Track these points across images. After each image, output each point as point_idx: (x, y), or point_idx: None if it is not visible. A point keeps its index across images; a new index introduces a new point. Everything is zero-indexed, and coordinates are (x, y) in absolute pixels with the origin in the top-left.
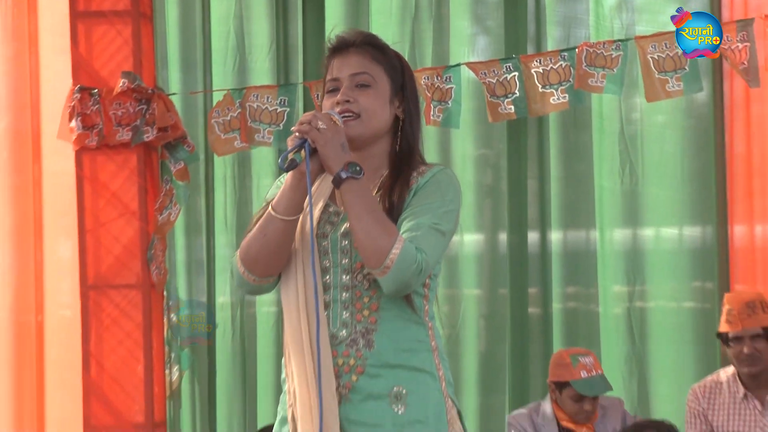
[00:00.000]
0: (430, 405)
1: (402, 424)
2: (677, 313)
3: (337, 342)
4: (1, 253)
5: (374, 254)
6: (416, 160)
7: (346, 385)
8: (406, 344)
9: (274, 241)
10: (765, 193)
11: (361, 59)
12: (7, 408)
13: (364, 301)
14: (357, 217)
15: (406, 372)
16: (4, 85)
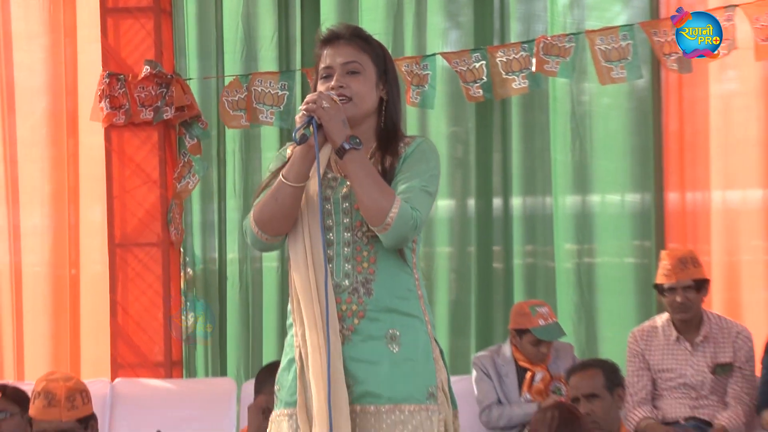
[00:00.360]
0: (419, 345)
1: (397, 362)
2: (620, 267)
3: (340, 290)
4: (41, 216)
5: (376, 214)
6: (399, 134)
7: (349, 328)
8: (400, 292)
9: (285, 204)
10: (695, 165)
11: (350, 49)
12: (46, 349)
13: (364, 254)
14: (359, 182)
15: (399, 316)
16: (43, 71)
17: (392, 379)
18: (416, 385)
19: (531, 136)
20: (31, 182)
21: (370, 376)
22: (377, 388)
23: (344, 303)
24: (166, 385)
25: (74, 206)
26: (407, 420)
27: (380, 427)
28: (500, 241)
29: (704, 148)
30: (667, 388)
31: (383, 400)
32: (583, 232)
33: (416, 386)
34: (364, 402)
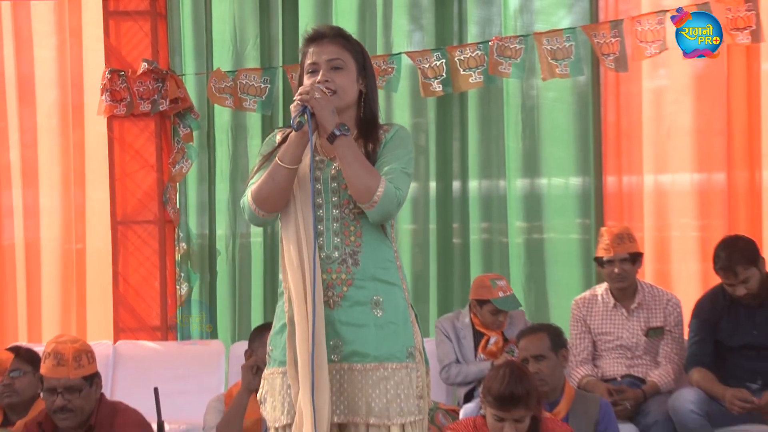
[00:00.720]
0: (399, 310)
1: (381, 325)
2: (565, 243)
3: (330, 261)
4: (51, 197)
5: (365, 192)
6: (377, 122)
7: (338, 295)
8: (382, 263)
9: (280, 184)
10: (631, 152)
11: (334, 47)
12: (56, 315)
13: (351, 229)
14: (349, 164)
15: (382, 284)
16: (52, 67)
17: (377, 340)
18: (397, 345)
19: (486, 126)
20: (42, 166)
21: (358, 338)
22: (364, 348)
23: (334, 272)
24: (162, 347)
25: (80, 188)
26: (390, 376)
27: (366, 383)
28: (458, 220)
29: (638, 136)
30: (605, 349)
31: (369, 359)
32: (532, 212)
33: (397, 347)
34: (352, 361)
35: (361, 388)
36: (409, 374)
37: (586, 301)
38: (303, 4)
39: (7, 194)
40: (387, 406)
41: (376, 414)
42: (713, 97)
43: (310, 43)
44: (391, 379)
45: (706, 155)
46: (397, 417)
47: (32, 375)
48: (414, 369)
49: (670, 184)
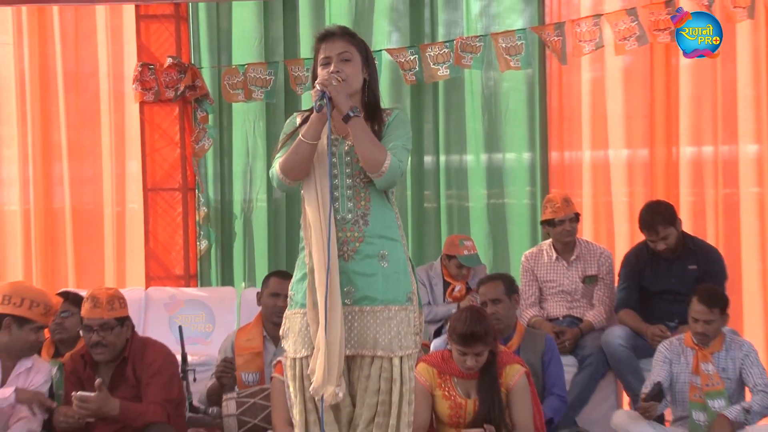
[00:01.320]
0: (400, 262)
1: (386, 274)
2: (517, 207)
3: (345, 222)
4: (93, 168)
5: (374, 164)
6: (380, 105)
7: (352, 249)
8: (386, 223)
9: (303, 157)
10: (571, 132)
11: (343, 43)
12: (98, 267)
13: (361, 195)
14: (361, 141)
15: (387, 240)
16: (95, 61)
17: (384, 287)
18: (399, 291)
19: (453, 111)
20: (86, 143)
21: (368, 285)
22: (373, 293)
23: (348, 231)
24: (185, 292)
25: (119, 161)
26: (393, 317)
27: (375, 322)
28: (430, 188)
29: (577, 119)
30: (549, 294)
31: (377, 303)
32: (491, 181)
33: (399, 292)
34: (363, 304)
35: (369, 326)
36: (408, 315)
37: (534, 254)
38: (301, 9)
39: (58, 166)
40: (391, 341)
41: (382, 347)
42: (639, 86)
43: (322, 40)
44: (394, 319)
45: (632, 134)
46: (399, 350)
47: (78, 315)
48: (412, 311)
49: (603, 158)
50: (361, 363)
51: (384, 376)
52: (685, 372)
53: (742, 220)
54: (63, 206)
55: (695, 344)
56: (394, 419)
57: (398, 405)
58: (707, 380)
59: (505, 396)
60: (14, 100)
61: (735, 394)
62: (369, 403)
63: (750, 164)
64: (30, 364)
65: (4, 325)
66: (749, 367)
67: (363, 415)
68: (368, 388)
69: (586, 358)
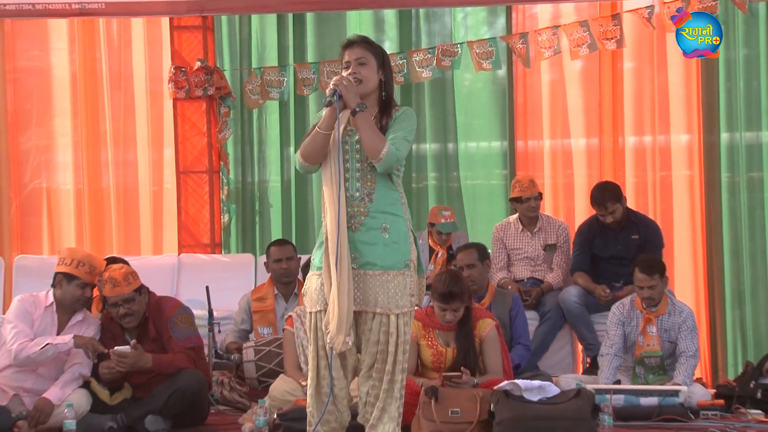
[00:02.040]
0: (401, 234)
1: (387, 244)
2: (489, 187)
3: (353, 199)
4: (137, 153)
5: (374, 151)
6: (393, 103)
7: (358, 222)
8: (389, 200)
9: (318, 144)
10: (534, 124)
11: (360, 50)
12: (137, 236)
13: (368, 177)
14: (365, 132)
15: (389, 215)
16: (136, 64)
17: (383, 254)
18: (397, 258)
19: (435, 107)
20: (128, 132)
21: (371, 252)
22: (375, 259)
23: (356, 207)
24: (211, 258)
25: (156, 147)
26: (392, 279)
27: (375, 284)
28: (417, 171)
29: (539, 113)
30: (516, 260)
31: (378, 267)
32: (468, 166)
33: (397, 259)
34: (367, 268)
35: (371, 287)
36: (405, 279)
37: (503, 226)
38: (308, 21)
39: (104, 152)
40: (389, 301)
41: (381, 306)
42: (590, 86)
43: (345, 47)
44: (392, 282)
45: (585, 126)
46: (395, 309)
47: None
48: (408, 276)
49: (561, 146)
50: (365, 318)
51: (383, 329)
52: (635, 332)
53: (675, 198)
54: (108, 186)
55: (644, 308)
56: (390, 365)
57: (394, 354)
58: (649, 341)
59: (479, 345)
60: (68, 97)
61: (671, 355)
62: (371, 351)
63: (681, 151)
64: (81, 317)
65: (57, 281)
66: (684, 332)
67: (366, 361)
68: (370, 339)
69: (546, 313)
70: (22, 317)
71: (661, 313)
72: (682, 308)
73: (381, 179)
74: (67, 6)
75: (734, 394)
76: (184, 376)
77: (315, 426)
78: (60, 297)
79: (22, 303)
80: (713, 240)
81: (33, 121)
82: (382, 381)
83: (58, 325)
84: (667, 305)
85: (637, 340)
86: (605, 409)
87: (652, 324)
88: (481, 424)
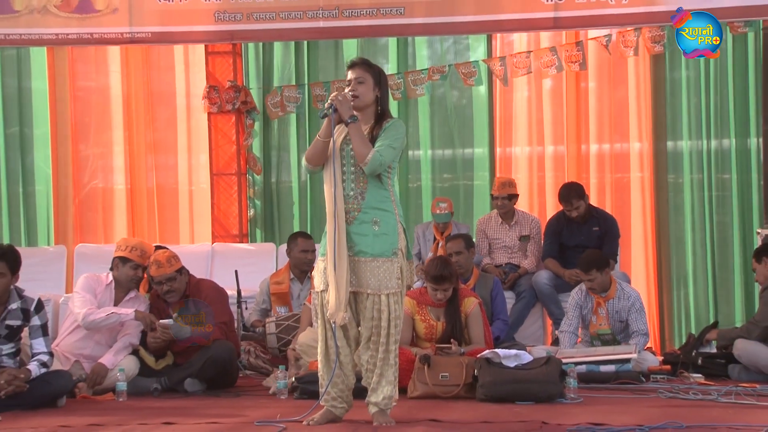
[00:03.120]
0: (390, 226)
1: (376, 235)
2: (477, 187)
3: (349, 197)
4: (179, 159)
5: (361, 156)
6: (386, 115)
7: (353, 217)
8: (379, 198)
9: (318, 149)
10: (510, 133)
11: (360, 70)
12: (177, 227)
13: (360, 178)
14: (354, 140)
15: (379, 211)
16: (177, 83)
17: (373, 244)
18: (386, 247)
19: (429, 119)
20: (170, 141)
21: (362, 242)
22: (366, 248)
23: (351, 203)
24: (239, 247)
25: (193, 153)
26: (381, 265)
27: (367, 269)
28: (413, 173)
29: (516, 124)
30: (496, 248)
31: (368, 255)
32: (460, 168)
33: (386, 248)
34: (360, 256)
35: (363, 272)
36: (392, 265)
37: (485, 220)
38: (321, 48)
39: (150, 157)
40: (378, 283)
41: (371, 287)
42: (557, 101)
43: (349, 67)
44: (381, 268)
45: (554, 135)
46: (384, 290)
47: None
48: (396, 262)
49: (535, 152)
50: (361, 298)
51: (375, 307)
52: (589, 313)
53: (631, 196)
54: (153, 186)
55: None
56: (384, 338)
57: (387, 328)
58: (600, 321)
59: (464, 319)
60: (120, 111)
61: (623, 331)
62: (366, 326)
63: (636, 157)
64: (134, 295)
65: (114, 264)
66: (633, 314)
67: (363, 334)
68: (365, 315)
69: (521, 293)
70: (88, 289)
71: (610, 298)
72: (630, 293)
73: (372, 180)
74: (119, 35)
75: (679, 361)
76: (217, 346)
77: (326, 387)
78: (117, 277)
79: (88, 279)
80: (661, 232)
81: (91, 131)
82: (378, 351)
83: (114, 300)
84: (616, 291)
85: (591, 320)
86: (571, 374)
87: (602, 307)
88: (467, 386)
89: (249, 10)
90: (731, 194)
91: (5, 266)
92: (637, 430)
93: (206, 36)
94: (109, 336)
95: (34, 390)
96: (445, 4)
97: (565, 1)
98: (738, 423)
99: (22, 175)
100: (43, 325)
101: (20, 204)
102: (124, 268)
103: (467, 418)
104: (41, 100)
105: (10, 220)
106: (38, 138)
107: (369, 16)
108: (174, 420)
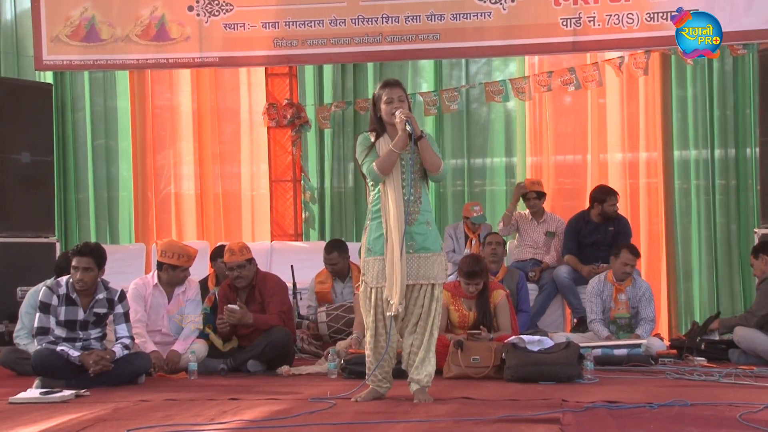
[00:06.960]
0: (434, 225)
1: (432, 233)
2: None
3: (409, 202)
4: (241, 167)
5: (435, 167)
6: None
7: (413, 219)
8: (426, 201)
9: (392, 160)
10: (540, 142)
11: (400, 90)
12: (239, 227)
13: (417, 185)
14: (429, 153)
15: (429, 213)
16: (244, 103)
17: (430, 241)
18: (437, 243)
19: (460, 131)
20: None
21: (423, 240)
22: (425, 245)
23: (411, 206)
24: (295, 245)
25: (254, 163)
26: (435, 259)
27: (427, 263)
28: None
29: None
30: (524, 244)
31: (429, 251)
32: (482, 173)
33: (437, 245)
34: (419, 252)
35: (422, 265)
36: (441, 259)
37: (518, 216)
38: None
39: (217, 166)
40: (436, 275)
41: (431, 278)
42: (578, 117)
43: (385, 86)
44: (436, 261)
45: (576, 145)
46: (436, 279)
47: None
48: (443, 255)
49: (560, 161)
50: (411, 289)
51: (426, 295)
52: (609, 300)
53: (641, 200)
54: (219, 192)
55: (614, 282)
56: (429, 323)
57: (433, 315)
58: (619, 306)
59: (493, 309)
60: (191, 126)
61: (634, 317)
62: (416, 312)
63: (647, 165)
64: (183, 288)
65: (164, 269)
66: (644, 302)
67: (411, 320)
68: (417, 304)
69: (544, 286)
70: (136, 298)
71: (627, 286)
72: (641, 284)
73: (423, 187)
74: (191, 60)
75: (684, 346)
76: (276, 332)
77: (373, 370)
78: (167, 279)
79: (136, 288)
80: (669, 232)
81: (166, 144)
82: (423, 335)
83: (167, 296)
84: (632, 280)
85: (610, 305)
86: (588, 357)
87: (622, 293)
88: (495, 368)
89: (304, 36)
90: (732, 198)
91: (93, 262)
92: (647, 407)
93: (266, 60)
94: (173, 327)
95: (118, 369)
96: (475, 31)
97: (582, 27)
98: (737, 401)
99: (107, 183)
100: (125, 313)
101: (106, 207)
102: (174, 272)
103: (496, 396)
104: (124, 116)
105: (97, 222)
106: (122, 150)
107: (408, 41)
108: (238, 396)
